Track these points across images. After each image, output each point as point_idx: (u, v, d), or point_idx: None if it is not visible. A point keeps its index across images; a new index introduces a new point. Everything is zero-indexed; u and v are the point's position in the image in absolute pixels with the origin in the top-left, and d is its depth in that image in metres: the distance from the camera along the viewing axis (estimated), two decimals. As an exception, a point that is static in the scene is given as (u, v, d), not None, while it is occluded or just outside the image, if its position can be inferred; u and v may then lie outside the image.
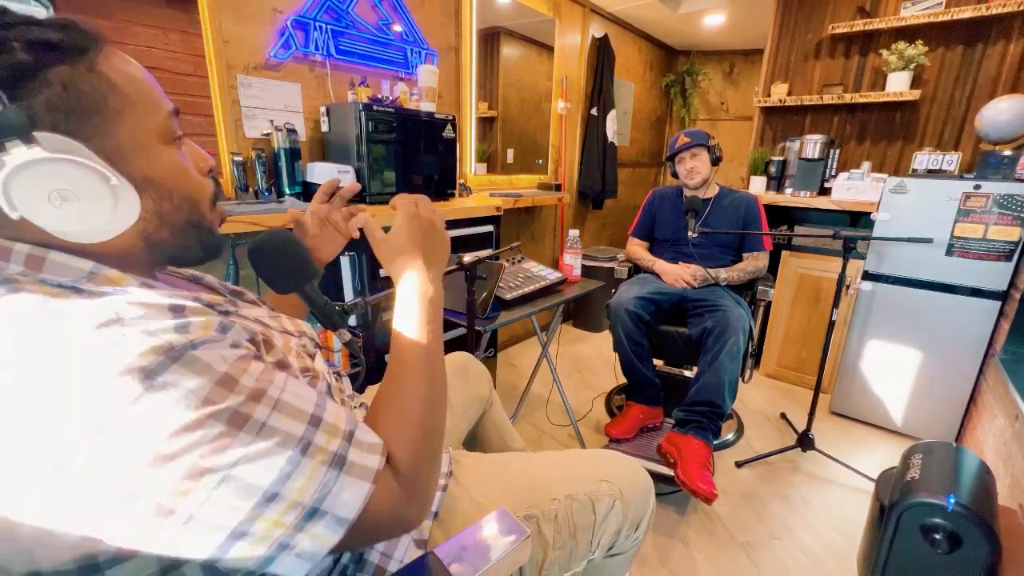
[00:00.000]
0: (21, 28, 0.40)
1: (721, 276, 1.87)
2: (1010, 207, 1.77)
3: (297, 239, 0.65)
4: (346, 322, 0.70)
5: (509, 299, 1.59)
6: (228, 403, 0.39)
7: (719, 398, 1.61)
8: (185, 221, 0.51)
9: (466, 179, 2.49)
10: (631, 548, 0.87)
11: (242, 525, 0.39)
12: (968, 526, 0.91)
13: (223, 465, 0.38)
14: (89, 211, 0.42)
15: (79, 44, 0.43)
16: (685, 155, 1.94)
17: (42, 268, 0.41)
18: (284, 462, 0.40)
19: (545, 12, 2.78)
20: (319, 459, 0.42)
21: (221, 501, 0.38)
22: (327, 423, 0.45)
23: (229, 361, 0.41)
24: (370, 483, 0.45)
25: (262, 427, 0.40)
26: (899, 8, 2.43)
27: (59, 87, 0.41)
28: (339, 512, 0.43)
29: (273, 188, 1.71)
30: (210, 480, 0.37)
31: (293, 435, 0.42)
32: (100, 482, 0.36)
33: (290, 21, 1.69)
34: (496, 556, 0.59)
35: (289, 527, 0.41)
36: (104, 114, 0.44)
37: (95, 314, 0.38)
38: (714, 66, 4.27)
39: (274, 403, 0.42)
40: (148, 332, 0.38)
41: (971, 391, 1.94)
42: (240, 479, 0.38)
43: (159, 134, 0.48)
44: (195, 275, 0.62)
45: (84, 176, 0.41)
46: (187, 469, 0.37)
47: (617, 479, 0.83)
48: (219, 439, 0.38)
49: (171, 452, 0.36)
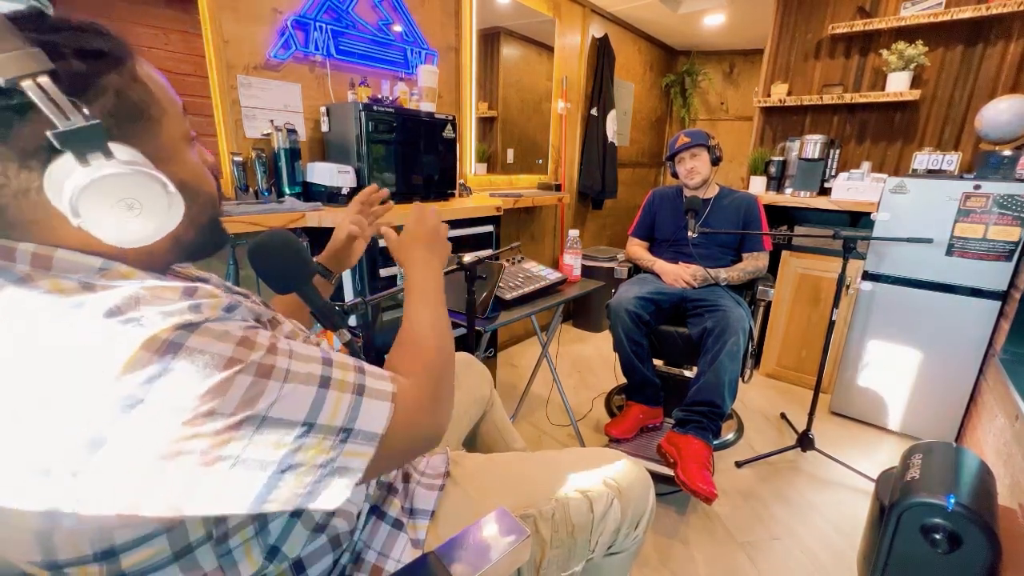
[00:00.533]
0: (67, 34, 0.41)
1: (721, 276, 1.87)
2: (1010, 207, 1.77)
3: (297, 239, 0.65)
4: (346, 322, 0.70)
5: (509, 299, 1.58)
6: (252, 358, 0.41)
7: (719, 398, 1.61)
8: (208, 219, 0.53)
9: (466, 179, 2.49)
10: (631, 547, 0.87)
11: (287, 457, 0.42)
12: (968, 526, 0.91)
13: (260, 410, 0.40)
14: (147, 219, 0.44)
15: (121, 51, 0.44)
16: (685, 155, 1.94)
17: (50, 267, 0.42)
18: (313, 396, 0.44)
19: (545, 12, 2.78)
20: (341, 388, 0.47)
21: (264, 440, 0.41)
22: (338, 362, 0.49)
23: (243, 329, 0.43)
24: (389, 402, 0.50)
25: (287, 373, 0.43)
26: (899, 8, 2.43)
27: (113, 95, 0.43)
28: (369, 428, 0.47)
29: (273, 188, 1.71)
30: (250, 424, 0.40)
31: (314, 374, 0.45)
32: (139, 452, 0.37)
33: (290, 21, 1.69)
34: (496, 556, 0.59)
35: (329, 450, 0.44)
36: (148, 121, 0.45)
37: (112, 298, 0.39)
38: (714, 66, 4.27)
39: (289, 353, 0.45)
40: (165, 313, 0.39)
41: (971, 391, 1.94)
42: (278, 418, 0.41)
43: (183, 137, 0.50)
44: (200, 276, 0.62)
45: (148, 186, 0.43)
46: (226, 422, 0.39)
47: (615, 477, 0.83)
48: (252, 388, 0.40)
49: (208, 410, 0.38)
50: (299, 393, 0.43)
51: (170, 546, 0.44)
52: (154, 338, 0.37)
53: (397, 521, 0.70)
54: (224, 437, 0.39)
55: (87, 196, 0.40)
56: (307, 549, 0.58)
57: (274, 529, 0.53)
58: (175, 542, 0.44)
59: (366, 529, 0.67)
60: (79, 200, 0.39)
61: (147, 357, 0.37)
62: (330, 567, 0.62)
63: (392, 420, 0.49)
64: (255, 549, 0.51)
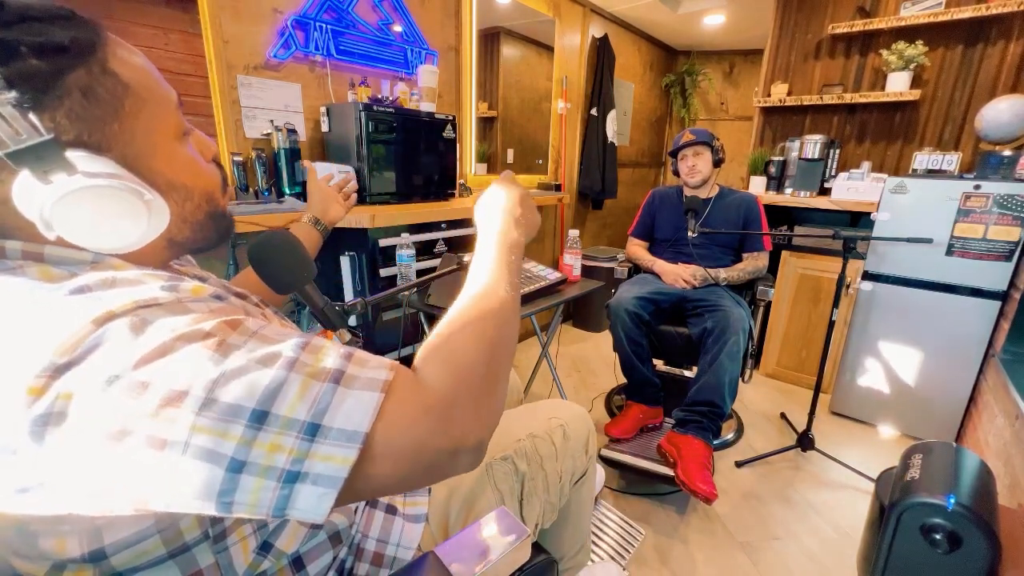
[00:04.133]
0: (24, 27, 0.37)
1: (721, 276, 1.87)
2: (1010, 207, 1.77)
3: (297, 239, 0.65)
4: (346, 322, 0.70)
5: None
6: (202, 327, 0.36)
7: (719, 398, 1.61)
8: (206, 216, 0.51)
9: (466, 179, 2.49)
10: (589, 471, 1.02)
11: (238, 452, 0.34)
12: (968, 526, 0.91)
13: (202, 385, 0.34)
14: (125, 227, 0.41)
15: (87, 40, 0.40)
16: (688, 152, 1.94)
17: (41, 258, 0.41)
18: (268, 379, 0.36)
19: (545, 12, 2.78)
20: (307, 372, 0.37)
21: (210, 426, 0.34)
22: (314, 344, 0.40)
23: (212, 308, 0.39)
24: (378, 392, 0.38)
25: (239, 347, 0.36)
26: (899, 8, 2.43)
27: (78, 95, 0.39)
28: (345, 425, 0.36)
29: (273, 188, 1.71)
30: (192, 402, 0.34)
31: (276, 353, 0.37)
32: (86, 431, 0.34)
33: (290, 21, 1.69)
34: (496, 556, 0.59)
35: (291, 450, 0.35)
36: (122, 119, 0.42)
37: (88, 279, 0.37)
38: (714, 66, 4.27)
39: (252, 332, 0.39)
40: (132, 294, 0.37)
41: (971, 391, 1.94)
42: (223, 401, 0.34)
43: (173, 132, 0.47)
44: (200, 276, 0.61)
45: (120, 196, 0.40)
46: (166, 394, 0.34)
47: (558, 415, 0.97)
48: (192, 360, 0.35)
49: (146, 379, 0.34)
50: (251, 373, 0.36)
51: (164, 545, 0.43)
52: (108, 312, 0.35)
53: (390, 506, 0.70)
54: (165, 416, 0.33)
55: (57, 212, 0.38)
56: (306, 546, 0.58)
57: (271, 524, 0.53)
58: (169, 542, 0.43)
59: (361, 520, 0.67)
60: (50, 216, 0.38)
61: (90, 328, 0.34)
62: (330, 563, 0.62)
63: (385, 414, 0.38)
64: (251, 544, 0.51)
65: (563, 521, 0.99)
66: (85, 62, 0.39)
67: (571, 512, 1.01)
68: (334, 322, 0.68)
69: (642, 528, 1.52)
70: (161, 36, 1.50)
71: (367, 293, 1.68)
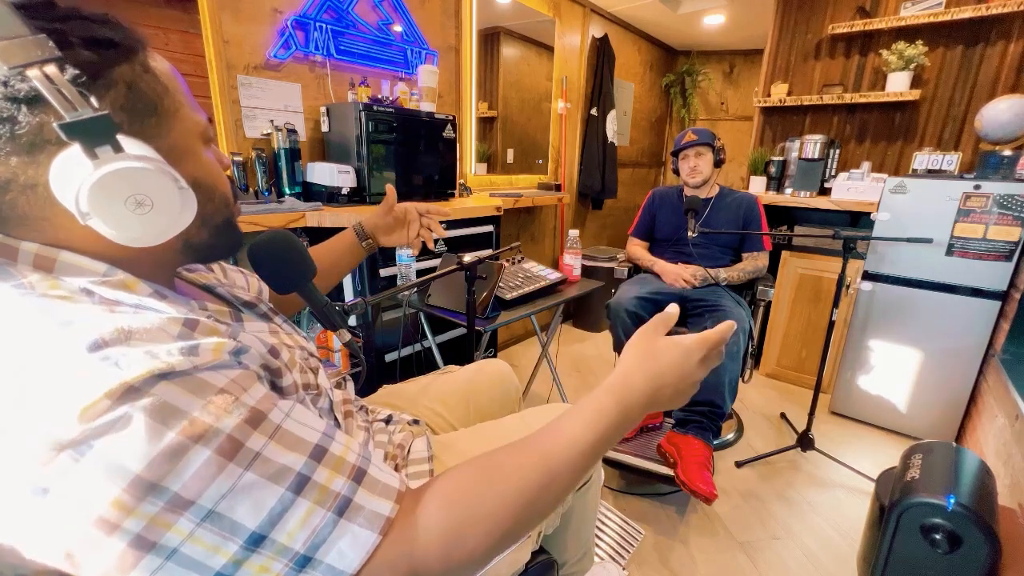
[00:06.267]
0: (76, 23, 0.39)
1: (721, 276, 1.87)
2: (1010, 207, 1.77)
3: (297, 239, 0.65)
4: (346, 322, 0.70)
5: (509, 299, 1.59)
6: (220, 426, 0.35)
7: (719, 398, 1.61)
8: (223, 221, 0.51)
9: (466, 179, 2.49)
10: (593, 477, 1.00)
11: (225, 568, 0.35)
12: (968, 526, 0.91)
13: (208, 498, 0.34)
14: (158, 217, 0.41)
15: (134, 41, 0.42)
16: (690, 152, 1.94)
17: (53, 269, 0.40)
18: (275, 500, 0.36)
19: (545, 12, 2.78)
20: (316, 498, 0.38)
21: (204, 539, 0.35)
22: (332, 456, 0.40)
23: (230, 377, 0.38)
24: (376, 534, 0.39)
25: (255, 457, 0.36)
26: (899, 8, 2.43)
27: (124, 87, 0.41)
28: (335, 563, 0.38)
29: (273, 188, 1.71)
30: (194, 514, 0.34)
31: (290, 469, 0.38)
32: (78, 510, 0.33)
33: (290, 21, 1.69)
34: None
35: (278, 574, 0.37)
36: (160, 115, 0.43)
37: (102, 326, 0.36)
38: (714, 66, 4.27)
39: (273, 429, 0.38)
40: (151, 354, 0.35)
41: (971, 391, 1.94)
42: (225, 516, 0.35)
43: (201, 135, 0.48)
44: (207, 284, 0.61)
45: (160, 182, 0.40)
46: (170, 500, 0.33)
47: None
48: (206, 468, 0.34)
49: (153, 480, 0.33)
50: (260, 491, 0.36)
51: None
52: (123, 383, 0.33)
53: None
54: (163, 521, 0.33)
55: (95, 192, 0.37)
56: None
57: None
58: None
59: None
60: (86, 196, 0.37)
61: (106, 404, 0.33)
62: None
63: (374, 559, 0.39)
64: None
65: (566, 526, 0.98)
66: (130, 59, 0.42)
67: (574, 518, 0.99)
68: (334, 322, 0.68)
69: (642, 528, 1.52)
70: (161, 36, 1.50)
71: (367, 293, 1.68)
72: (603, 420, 0.48)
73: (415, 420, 0.86)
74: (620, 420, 0.49)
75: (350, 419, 0.67)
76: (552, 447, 0.47)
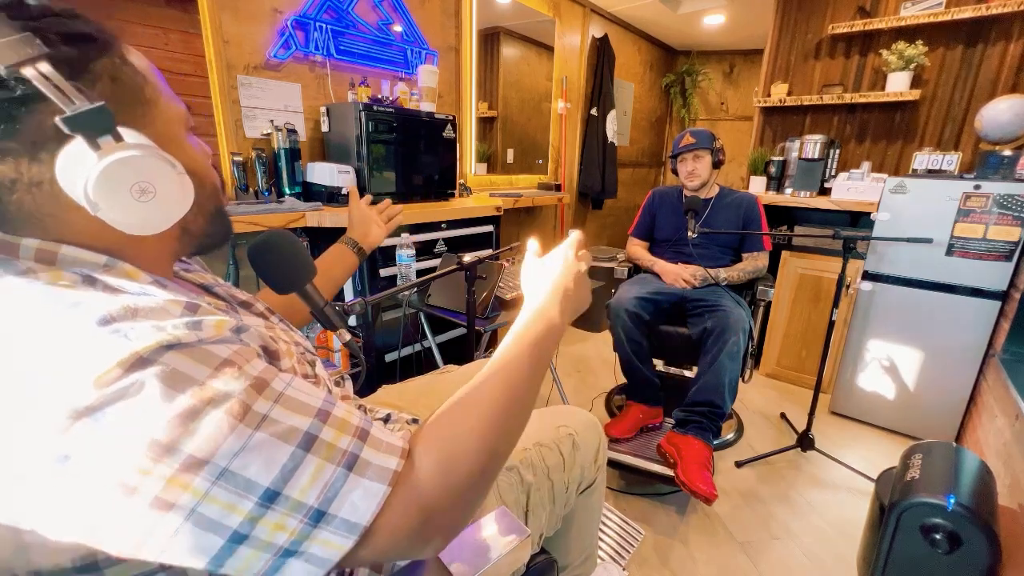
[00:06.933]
0: (51, 20, 0.40)
1: (721, 276, 1.87)
2: (1010, 207, 1.77)
3: (297, 239, 0.65)
4: (346, 322, 0.70)
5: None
6: (229, 389, 0.37)
7: (719, 398, 1.61)
8: (215, 208, 0.53)
9: (466, 179, 2.49)
10: (597, 480, 0.99)
11: (242, 526, 0.36)
12: (968, 526, 0.91)
13: (221, 456, 0.36)
14: (161, 203, 0.42)
15: (109, 33, 0.43)
16: (688, 156, 1.94)
17: (55, 262, 0.41)
18: (286, 457, 0.37)
19: (545, 12, 2.78)
20: (324, 455, 0.39)
21: (220, 497, 0.36)
22: (336, 418, 0.42)
23: (233, 350, 0.40)
24: (385, 485, 0.41)
25: (263, 419, 0.38)
26: (899, 8, 2.43)
27: (108, 79, 0.42)
28: (349, 516, 0.39)
29: (273, 188, 1.71)
30: (209, 473, 0.35)
31: (297, 428, 0.39)
32: (98, 476, 0.34)
33: (290, 21, 1.69)
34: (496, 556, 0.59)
35: (293, 531, 0.37)
36: (144, 104, 0.44)
37: (109, 304, 0.37)
38: (714, 66, 4.27)
39: (277, 395, 0.40)
40: (157, 327, 0.37)
41: (971, 391, 1.94)
42: (238, 474, 0.36)
43: (183, 123, 0.49)
44: (205, 283, 0.61)
45: (161, 168, 0.42)
46: (185, 460, 0.35)
47: (568, 423, 0.94)
48: (218, 428, 0.36)
49: (168, 441, 0.34)
50: (270, 449, 0.37)
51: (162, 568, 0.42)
52: (133, 353, 0.35)
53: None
54: (180, 481, 0.35)
55: (102, 181, 0.38)
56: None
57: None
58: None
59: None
60: (94, 186, 0.38)
61: (118, 373, 0.34)
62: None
63: (386, 509, 0.40)
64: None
65: (569, 529, 0.97)
66: (109, 53, 0.42)
67: (577, 521, 0.98)
68: (334, 322, 0.68)
69: (642, 528, 1.52)
70: (161, 36, 1.50)
71: (367, 293, 1.68)
72: (529, 328, 0.55)
73: (414, 419, 0.86)
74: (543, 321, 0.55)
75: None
76: (501, 366, 0.52)
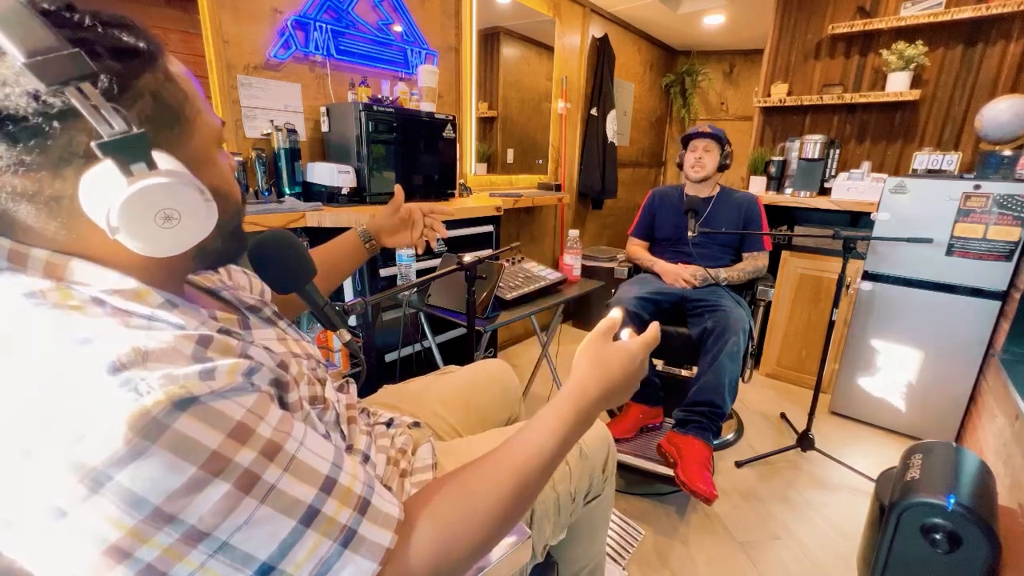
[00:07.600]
0: (100, 31, 0.38)
1: (721, 276, 1.87)
2: (1010, 207, 1.77)
3: (297, 239, 0.65)
4: (346, 322, 0.70)
5: (509, 299, 1.59)
6: (239, 460, 0.36)
7: (719, 398, 1.61)
8: (235, 227, 0.51)
9: (466, 179, 2.49)
10: (606, 491, 0.96)
11: None
12: (968, 526, 0.91)
13: (223, 530, 0.35)
14: (184, 229, 0.40)
15: (155, 47, 0.41)
16: (699, 144, 1.94)
17: (63, 277, 0.40)
18: (286, 533, 0.38)
19: (545, 12, 2.78)
20: (323, 530, 0.39)
21: (215, 570, 0.36)
22: (341, 487, 0.42)
23: (247, 407, 0.38)
24: (376, 564, 0.41)
25: (270, 491, 0.37)
26: (899, 8, 2.42)
27: (149, 97, 0.40)
28: None
29: (273, 188, 1.71)
30: (207, 546, 0.35)
31: (300, 502, 0.39)
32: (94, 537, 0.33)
33: (290, 21, 1.69)
34: (496, 556, 0.59)
35: None
36: (182, 124, 0.43)
37: (118, 346, 0.35)
38: (714, 66, 4.27)
39: (288, 461, 0.39)
40: (169, 377, 0.35)
41: (971, 391, 1.94)
42: (238, 548, 0.36)
43: (217, 140, 0.48)
44: (213, 289, 0.60)
45: (188, 195, 0.40)
46: (186, 531, 0.34)
47: None
48: (223, 501, 0.35)
49: (172, 512, 0.34)
50: (272, 523, 0.37)
51: None
52: (144, 412, 0.33)
53: None
54: (177, 552, 0.34)
55: (126, 208, 0.37)
56: None
57: None
58: None
59: None
60: (119, 212, 0.37)
61: (128, 435, 0.33)
62: None
63: None
64: None
65: (574, 539, 0.94)
66: (153, 67, 0.41)
67: (583, 531, 0.96)
68: (334, 322, 0.68)
69: (642, 528, 1.52)
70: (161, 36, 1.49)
71: (367, 293, 1.68)
72: (564, 427, 0.53)
73: (416, 423, 0.86)
74: (579, 424, 0.54)
75: (353, 425, 0.67)
76: (520, 459, 0.51)
